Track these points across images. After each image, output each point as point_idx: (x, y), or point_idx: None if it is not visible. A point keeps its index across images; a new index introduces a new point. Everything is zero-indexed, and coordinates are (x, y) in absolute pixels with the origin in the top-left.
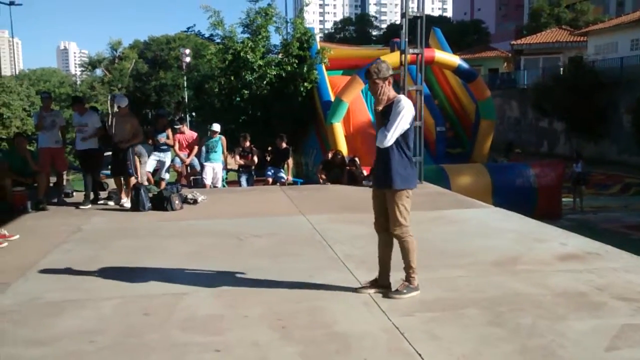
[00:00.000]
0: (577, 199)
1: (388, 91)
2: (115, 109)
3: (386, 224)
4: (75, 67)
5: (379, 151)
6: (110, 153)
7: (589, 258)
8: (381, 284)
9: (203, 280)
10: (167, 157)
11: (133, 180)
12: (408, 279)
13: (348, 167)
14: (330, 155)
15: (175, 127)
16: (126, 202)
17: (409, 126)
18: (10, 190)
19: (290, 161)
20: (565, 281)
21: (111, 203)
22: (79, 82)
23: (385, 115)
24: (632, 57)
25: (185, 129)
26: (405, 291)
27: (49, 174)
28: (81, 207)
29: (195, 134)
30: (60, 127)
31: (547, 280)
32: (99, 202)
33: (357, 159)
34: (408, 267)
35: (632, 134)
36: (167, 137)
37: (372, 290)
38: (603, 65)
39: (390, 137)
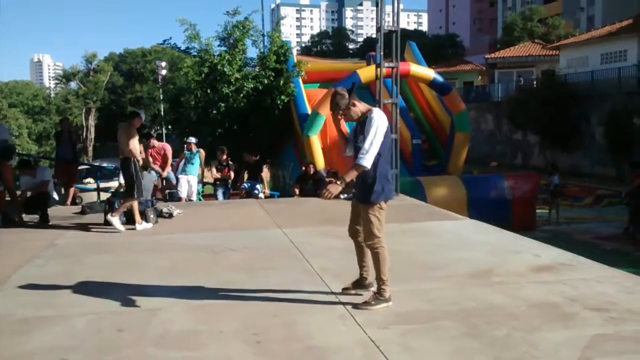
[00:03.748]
0: (554, 210)
1: (358, 110)
2: (137, 124)
3: (357, 232)
4: (50, 79)
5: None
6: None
7: (562, 269)
8: (361, 284)
9: (178, 295)
10: None
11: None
12: (379, 290)
13: (328, 180)
14: (303, 168)
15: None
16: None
17: (382, 138)
18: None
19: (266, 174)
20: (539, 292)
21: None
22: (52, 95)
23: (362, 129)
24: (602, 70)
25: (155, 142)
26: (373, 302)
27: None
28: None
29: (166, 145)
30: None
31: (521, 292)
32: (73, 213)
33: (336, 172)
34: (379, 279)
35: (604, 146)
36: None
37: (353, 291)
38: (575, 79)
39: (367, 152)
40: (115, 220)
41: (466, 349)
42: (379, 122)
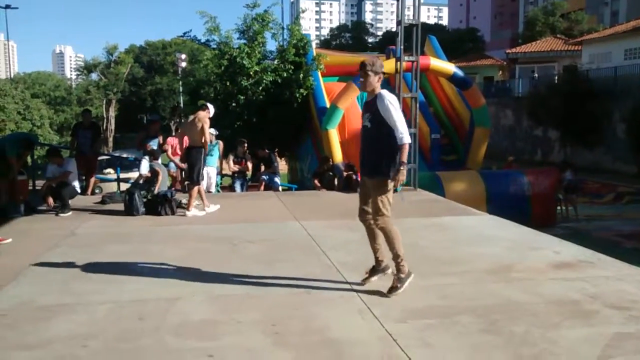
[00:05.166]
0: (570, 207)
1: (375, 83)
2: (206, 116)
3: (366, 214)
4: (71, 71)
5: (367, 141)
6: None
7: (583, 266)
8: (377, 269)
9: (197, 285)
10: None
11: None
12: (398, 268)
13: (346, 173)
14: (321, 162)
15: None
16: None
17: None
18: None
19: (283, 164)
20: (558, 289)
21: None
22: (74, 86)
23: (369, 107)
24: (625, 66)
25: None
26: (399, 285)
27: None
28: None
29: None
30: None
31: (540, 289)
32: (93, 203)
33: (353, 165)
34: (396, 257)
35: (626, 143)
36: (159, 144)
37: (374, 278)
38: (597, 74)
39: (403, 131)
40: (193, 211)
41: (484, 345)
42: (391, 101)
